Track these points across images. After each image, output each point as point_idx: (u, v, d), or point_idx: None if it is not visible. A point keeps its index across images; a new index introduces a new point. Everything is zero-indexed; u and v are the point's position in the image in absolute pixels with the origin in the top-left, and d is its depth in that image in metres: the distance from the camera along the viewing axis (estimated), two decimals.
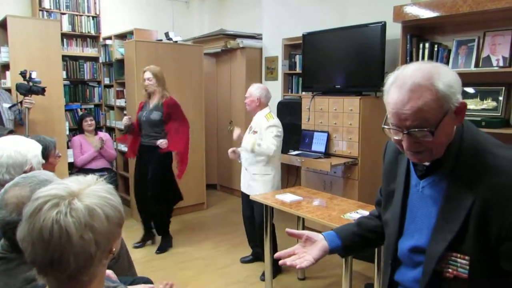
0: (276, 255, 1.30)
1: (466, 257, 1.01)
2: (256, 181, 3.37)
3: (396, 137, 1.07)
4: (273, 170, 3.36)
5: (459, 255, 1.03)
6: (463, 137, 1.06)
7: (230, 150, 3.48)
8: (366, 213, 2.67)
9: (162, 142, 3.68)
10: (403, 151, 1.09)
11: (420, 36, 3.49)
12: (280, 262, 1.28)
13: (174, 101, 3.83)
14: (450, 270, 1.04)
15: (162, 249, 3.89)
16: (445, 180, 1.07)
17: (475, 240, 1.00)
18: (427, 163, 1.10)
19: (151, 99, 3.83)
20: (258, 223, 3.39)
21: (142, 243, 4.00)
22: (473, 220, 1.00)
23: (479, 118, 3.01)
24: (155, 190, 3.75)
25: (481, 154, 1.03)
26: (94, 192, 0.93)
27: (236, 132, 3.34)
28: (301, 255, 1.28)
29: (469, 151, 1.04)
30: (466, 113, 1.06)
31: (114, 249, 0.96)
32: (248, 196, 3.39)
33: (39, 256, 0.87)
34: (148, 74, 3.72)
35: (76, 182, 0.94)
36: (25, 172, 1.64)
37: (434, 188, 1.10)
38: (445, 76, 1.00)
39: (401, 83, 1.01)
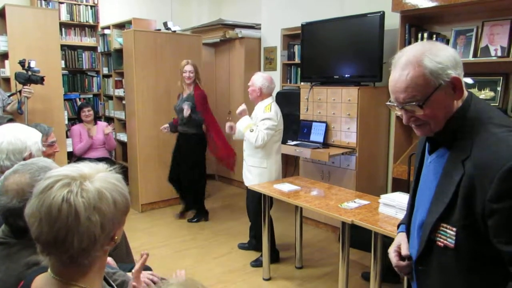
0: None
1: (454, 229, 1.06)
2: (251, 173, 3.39)
3: (397, 113, 1.15)
4: (269, 164, 3.34)
5: (448, 226, 1.08)
6: (467, 113, 1.09)
7: (228, 124, 3.48)
8: (363, 202, 2.69)
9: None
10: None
11: (419, 25, 3.48)
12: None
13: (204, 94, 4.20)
14: (440, 239, 1.10)
15: (195, 218, 4.44)
16: (447, 154, 1.12)
17: (462, 213, 1.04)
18: (432, 136, 1.15)
19: (185, 91, 4.19)
20: (250, 213, 3.43)
21: (181, 214, 4.55)
22: (461, 194, 1.04)
23: None
24: (188, 172, 4.27)
25: (478, 130, 1.05)
26: (105, 178, 0.95)
27: (241, 107, 3.35)
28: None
29: (469, 127, 1.07)
30: None
31: (116, 237, 0.98)
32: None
33: (44, 233, 0.88)
34: (189, 67, 4.06)
35: (88, 167, 0.96)
36: (24, 159, 1.65)
37: (438, 162, 1.15)
38: (435, 53, 1.06)
39: (396, 62, 1.10)
